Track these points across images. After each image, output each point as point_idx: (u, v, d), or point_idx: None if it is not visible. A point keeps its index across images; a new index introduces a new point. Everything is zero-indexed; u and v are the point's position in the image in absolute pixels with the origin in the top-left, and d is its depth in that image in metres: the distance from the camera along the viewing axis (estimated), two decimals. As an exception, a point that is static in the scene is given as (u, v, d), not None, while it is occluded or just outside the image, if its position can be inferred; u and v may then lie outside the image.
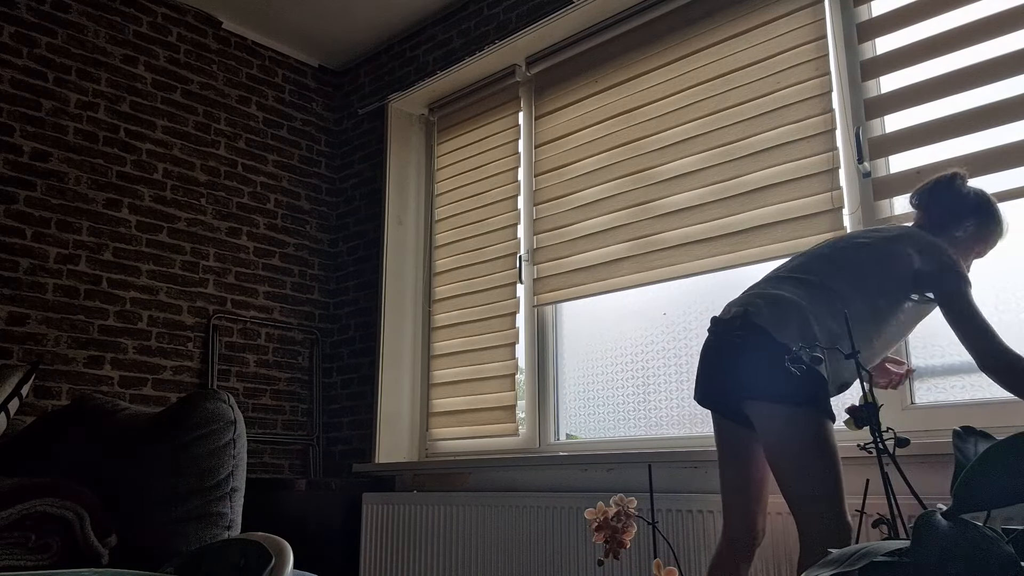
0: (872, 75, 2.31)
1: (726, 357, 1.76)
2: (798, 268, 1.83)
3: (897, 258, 1.77)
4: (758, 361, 1.68)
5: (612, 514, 2.20)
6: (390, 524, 3.02)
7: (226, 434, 1.35)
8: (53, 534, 1.19)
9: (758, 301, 1.74)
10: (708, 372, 1.84)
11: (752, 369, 1.70)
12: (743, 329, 1.71)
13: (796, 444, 1.64)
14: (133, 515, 1.29)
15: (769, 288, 1.79)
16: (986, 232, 1.87)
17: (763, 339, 1.68)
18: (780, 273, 1.85)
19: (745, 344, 1.71)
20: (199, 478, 1.31)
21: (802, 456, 1.63)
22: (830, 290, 1.75)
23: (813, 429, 1.64)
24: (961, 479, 0.97)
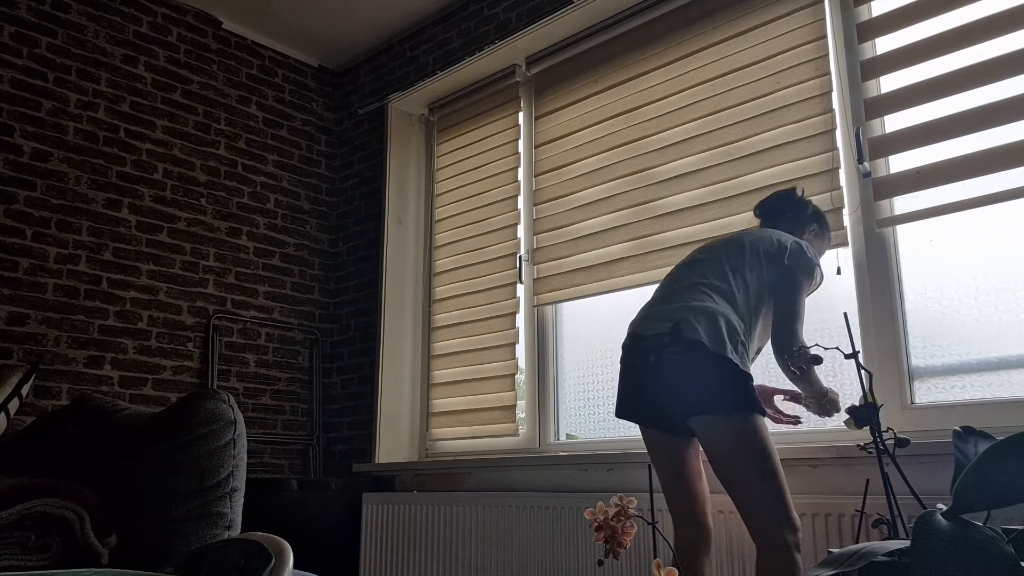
0: (872, 75, 2.31)
1: (666, 375, 1.80)
2: (705, 274, 1.91)
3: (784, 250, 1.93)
4: (701, 376, 1.75)
5: (612, 514, 2.20)
6: (390, 524, 3.02)
7: (226, 434, 1.35)
8: (53, 534, 1.19)
9: (687, 316, 1.79)
10: (640, 388, 1.88)
11: (697, 385, 1.75)
12: (678, 344, 1.77)
13: (749, 450, 1.72)
14: (133, 515, 1.29)
15: (692, 300, 1.84)
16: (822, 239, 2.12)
17: (702, 354, 1.74)
18: (691, 281, 1.91)
19: (685, 359, 1.76)
20: (199, 478, 1.31)
21: (757, 461, 1.71)
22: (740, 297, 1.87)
23: (760, 432, 1.73)
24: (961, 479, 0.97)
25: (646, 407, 1.90)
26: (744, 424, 1.73)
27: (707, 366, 1.74)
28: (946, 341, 2.09)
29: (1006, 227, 2.04)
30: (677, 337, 1.78)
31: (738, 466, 1.73)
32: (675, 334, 1.78)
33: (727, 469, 1.75)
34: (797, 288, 1.90)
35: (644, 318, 1.90)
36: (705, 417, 1.76)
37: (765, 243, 1.96)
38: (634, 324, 1.93)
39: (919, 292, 2.16)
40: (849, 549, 0.99)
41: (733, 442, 1.73)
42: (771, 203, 2.14)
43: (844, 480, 2.07)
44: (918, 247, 2.19)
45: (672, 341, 1.79)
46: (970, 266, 2.08)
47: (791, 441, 2.28)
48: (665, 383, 1.81)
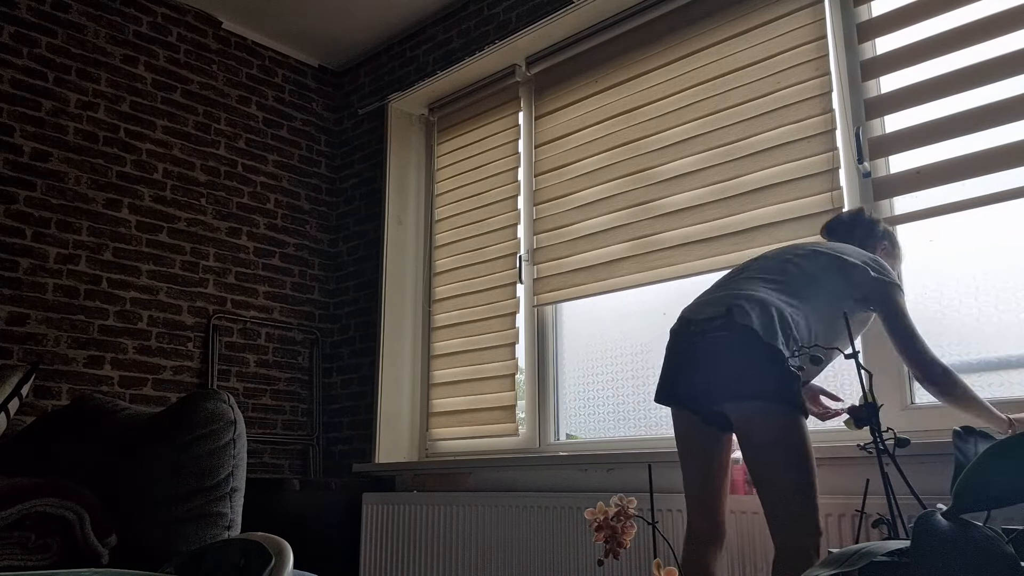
0: (872, 75, 2.31)
1: (710, 357, 1.75)
2: (765, 270, 1.86)
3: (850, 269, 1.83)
4: (749, 362, 1.69)
5: (612, 514, 2.20)
6: (390, 524, 3.02)
7: (226, 434, 1.35)
8: (53, 534, 1.19)
9: (741, 303, 1.74)
10: (683, 371, 1.82)
11: (743, 370, 1.69)
12: (727, 330, 1.72)
13: (786, 444, 1.66)
14: (133, 515, 1.29)
15: (747, 289, 1.79)
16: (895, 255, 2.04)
17: (752, 340, 1.68)
18: (748, 275, 1.86)
19: (733, 345, 1.70)
20: (199, 478, 1.31)
21: (791, 455, 1.65)
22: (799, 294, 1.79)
23: (802, 430, 1.67)
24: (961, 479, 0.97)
25: (684, 389, 1.83)
26: (790, 421, 1.67)
27: (755, 352, 1.68)
28: (946, 341, 2.09)
29: (1006, 227, 2.04)
30: (729, 322, 1.72)
31: (776, 465, 1.66)
32: (728, 318, 1.73)
33: (763, 464, 1.68)
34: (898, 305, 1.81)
35: (697, 305, 1.86)
36: (747, 404, 1.69)
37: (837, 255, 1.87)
38: (686, 310, 1.88)
39: (919, 292, 2.16)
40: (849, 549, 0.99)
41: (776, 438, 1.66)
42: (842, 223, 2.06)
43: (844, 480, 2.07)
44: (918, 247, 2.19)
45: (723, 325, 1.73)
46: (970, 266, 2.08)
47: (791, 441, 2.28)
48: (709, 364, 1.75)
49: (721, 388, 1.73)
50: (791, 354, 1.94)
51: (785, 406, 1.67)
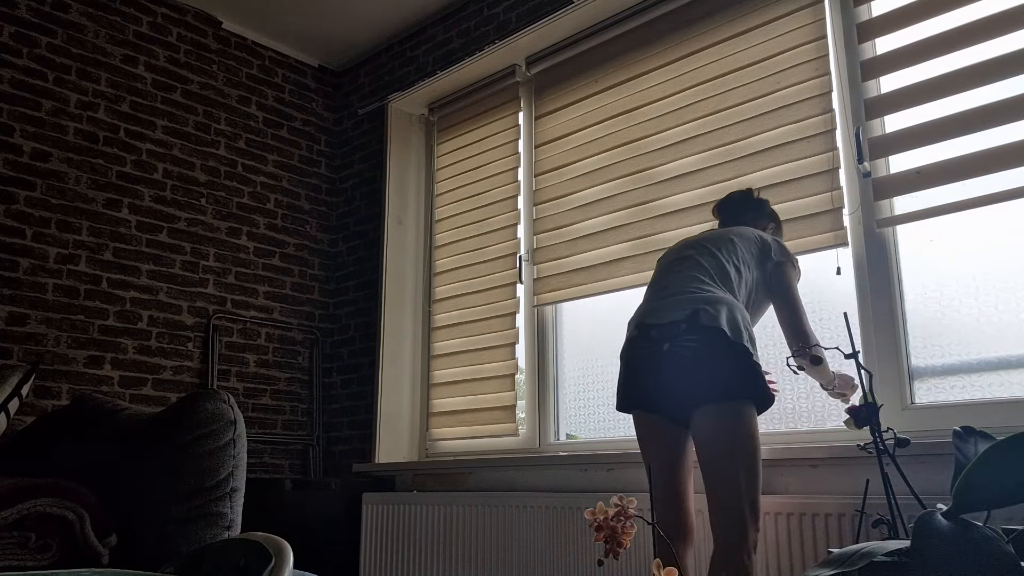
0: (872, 75, 2.31)
1: (683, 362, 1.79)
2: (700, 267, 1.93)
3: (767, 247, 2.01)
4: (721, 363, 1.75)
5: (612, 514, 2.20)
6: (390, 524, 3.02)
7: (226, 434, 1.35)
8: (53, 534, 1.19)
9: (705, 306, 1.80)
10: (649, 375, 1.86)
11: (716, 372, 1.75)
12: (696, 332, 1.77)
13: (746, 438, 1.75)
14: (133, 515, 1.29)
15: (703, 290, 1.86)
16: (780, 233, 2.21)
17: (722, 340, 1.75)
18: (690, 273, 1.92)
19: (703, 347, 1.76)
20: (199, 478, 1.31)
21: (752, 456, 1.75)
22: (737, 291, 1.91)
23: (756, 428, 1.78)
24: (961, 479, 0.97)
25: (653, 395, 1.87)
26: (752, 416, 1.76)
27: (727, 354, 1.75)
28: (946, 341, 2.09)
29: (1006, 227, 2.04)
30: (695, 325, 1.77)
31: (734, 456, 1.74)
32: (692, 322, 1.78)
33: (721, 456, 1.75)
34: (791, 283, 1.98)
35: (652, 310, 1.90)
36: (713, 405, 1.76)
37: (748, 240, 2.01)
38: (640, 316, 1.92)
39: (919, 292, 2.16)
40: (849, 549, 0.99)
41: (738, 431, 1.74)
42: (733, 202, 2.21)
43: (844, 480, 2.07)
44: (918, 247, 2.19)
45: (689, 329, 1.78)
46: (970, 266, 2.08)
47: (791, 441, 2.28)
48: (680, 370, 1.79)
49: (696, 391, 1.78)
50: (791, 354, 1.95)
51: (751, 401, 1.77)
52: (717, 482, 1.76)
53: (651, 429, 1.93)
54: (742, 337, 1.77)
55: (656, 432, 1.92)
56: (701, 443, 1.79)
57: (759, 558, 2.05)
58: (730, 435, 1.75)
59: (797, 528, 1.99)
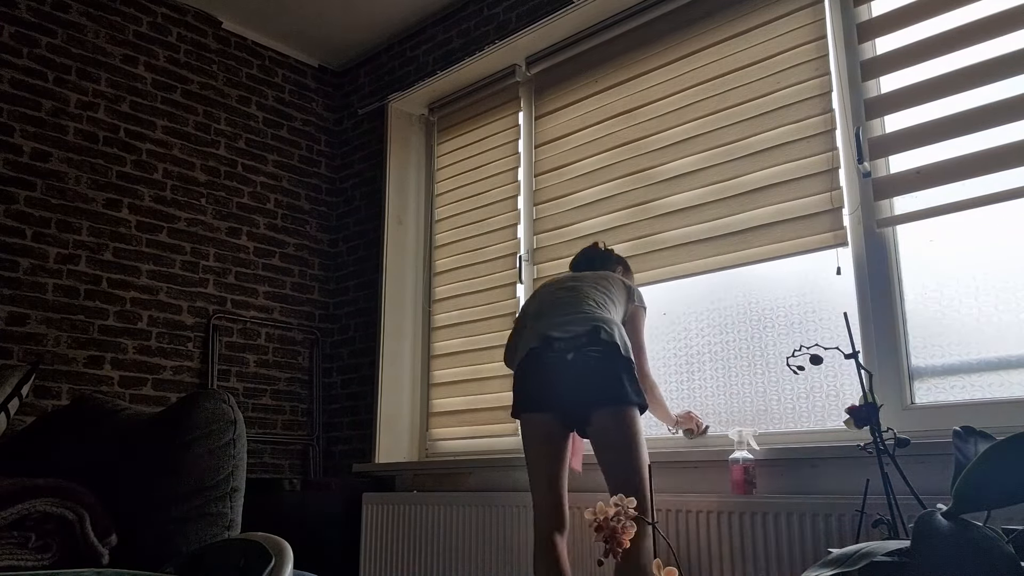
0: (872, 75, 2.31)
1: (585, 369, 2.07)
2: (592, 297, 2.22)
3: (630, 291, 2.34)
4: (616, 372, 2.05)
5: (612, 514, 2.20)
6: (390, 524, 3.02)
7: (226, 434, 1.35)
8: (53, 534, 1.19)
9: (601, 324, 2.10)
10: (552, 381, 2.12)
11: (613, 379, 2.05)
12: (597, 345, 2.07)
13: (638, 437, 2.05)
14: (133, 515, 1.29)
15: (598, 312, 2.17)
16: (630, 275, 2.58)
17: (617, 354, 2.07)
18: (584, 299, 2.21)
19: (602, 358, 2.06)
20: (199, 478, 1.31)
21: (641, 446, 2.05)
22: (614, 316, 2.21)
23: (642, 424, 2.08)
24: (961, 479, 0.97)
25: (557, 397, 2.12)
26: (637, 418, 2.06)
27: (621, 365, 2.06)
28: (946, 341, 2.09)
29: (1006, 227, 2.04)
30: (595, 338, 2.08)
31: (627, 451, 2.02)
32: (593, 335, 2.08)
33: (618, 451, 2.03)
34: (642, 327, 2.34)
35: (555, 325, 2.16)
36: (613, 407, 2.04)
37: (616, 281, 2.34)
38: (543, 330, 2.17)
39: (919, 292, 2.16)
40: (849, 549, 0.99)
41: (632, 435, 2.04)
42: (588, 256, 2.54)
43: (844, 480, 2.07)
44: (918, 247, 2.19)
45: (590, 342, 2.08)
46: (970, 266, 2.08)
47: (791, 441, 2.28)
48: (583, 375, 2.07)
49: (595, 395, 2.06)
50: (792, 354, 1.95)
51: (637, 407, 2.07)
52: (618, 473, 2.03)
53: (543, 430, 2.17)
54: (630, 353, 2.11)
55: (550, 435, 2.16)
56: (600, 441, 2.07)
57: (759, 558, 2.05)
58: (627, 433, 2.03)
59: (797, 528, 1.99)
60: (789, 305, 2.40)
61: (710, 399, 2.51)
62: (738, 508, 2.10)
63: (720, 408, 2.49)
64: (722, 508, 2.13)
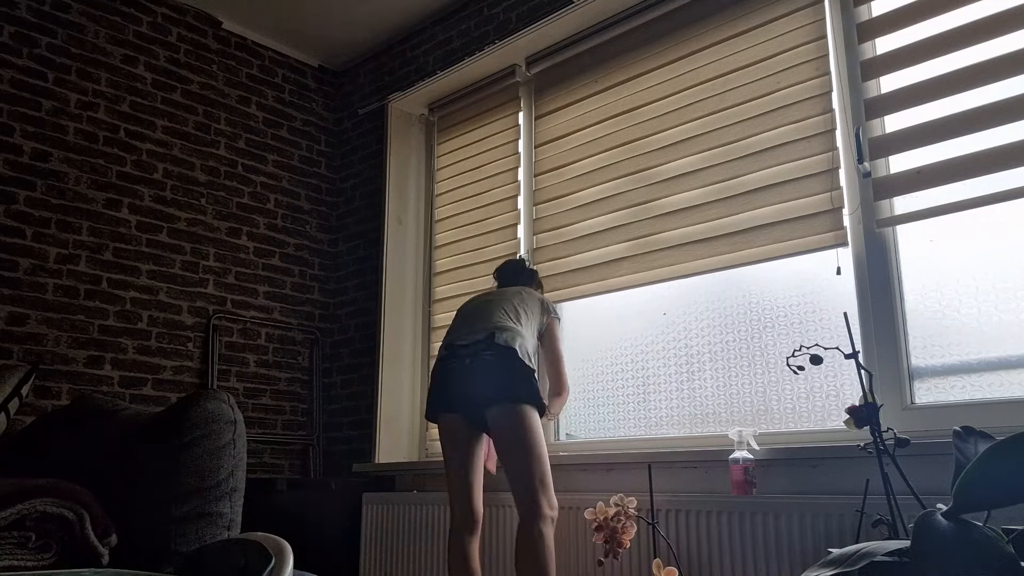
0: (872, 75, 2.31)
1: (482, 370, 2.25)
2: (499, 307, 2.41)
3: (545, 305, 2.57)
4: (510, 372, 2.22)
5: (612, 514, 2.20)
6: (390, 524, 3.02)
7: (226, 434, 1.35)
8: (53, 534, 1.19)
9: (499, 331, 2.29)
10: (454, 383, 2.31)
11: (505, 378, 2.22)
12: (492, 349, 2.25)
13: (532, 435, 2.21)
14: (133, 515, 1.29)
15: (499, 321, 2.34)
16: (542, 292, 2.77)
17: (512, 355, 2.25)
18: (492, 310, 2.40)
19: (496, 360, 2.23)
20: (199, 478, 1.31)
21: (534, 441, 2.21)
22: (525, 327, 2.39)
23: (539, 424, 2.25)
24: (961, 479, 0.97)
25: (458, 398, 2.31)
26: (532, 414, 2.23)
27: (515, 365, 2.24)
28: (946, 341, 2.09)
29: (1006, 227, 2.04)
30: (490, 343, 2.26)
31: (518, 444, 2.19)
32: (489, 341, 2.27)
33: (509, 444, 2.20)
34: (558, 335, 2.55)
35: (459, 335, 2.36)
36: (506, 404, 2.21)
37: (532, 296, 2.53)
38: (449, 340, 2.39)
39: (919, 292, 2.16)
40: (849, 549, 0.99)
41: (521, 428, 2.20)
42: (511, 269, 2.74)
43: (844, 480, 2.07)
44: (918, 247, 2.19)
45: (487, 347, 2.26)
46: (970, 266, 2.08)
47: (791, 441, 2.28)
48: (478, 376, 2.25)
49: (489, 392, 2.23)
50: (792, 354, 1.95)
51: (530, 404, 2.23)
52: (512, 469, 2.20)
53: (455, 432, 2.36)
54: (528, 357, 2.28)
55: (459, 435, 2.35)
56: (497, 437, 2.25)
57: (759, 558, 2.05)
58: (518, 432, 2.20)
59: (797, 528, 1.99)
60: (789, 305, 2.40)
61: (710, 399, 2.52)
62: (738, 508, 2.10)
63: (720, 408, 2.49)
64: (722, 508, 2.13)
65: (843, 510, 1.93)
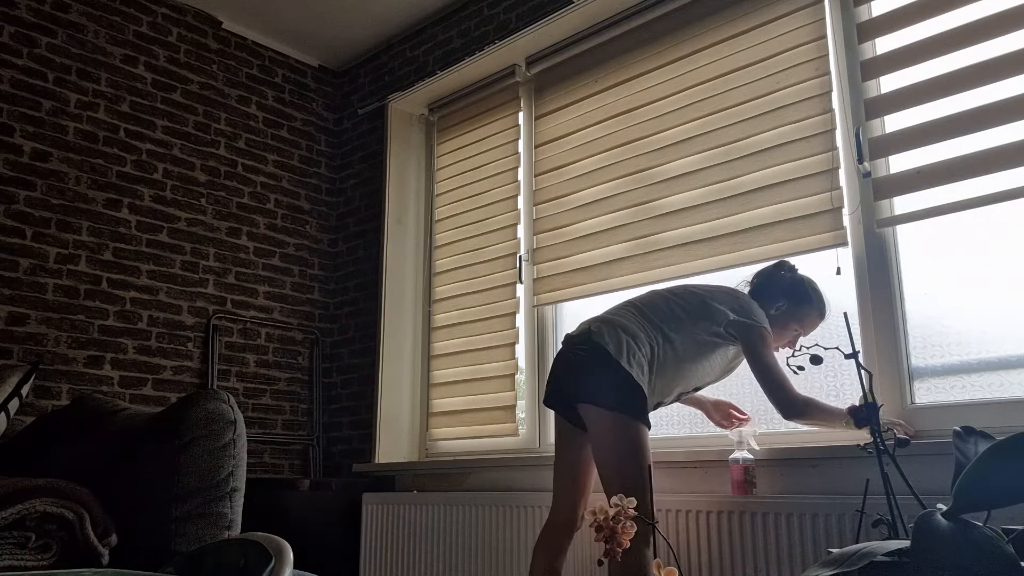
0: (872, 75, 2.31)
1: (571, 367, 2.10)
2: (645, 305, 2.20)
3: (714, 312, 2.14)
4: (597, 372, 2.03)
5: (612, 514, 2.20)
6: (390, 524, 3.02)
7: (226, 434, 1.35)
8: (53, 534, 1.19)
9: (599, 325, 2.11)
10: (557, 378, 2.16)
11: (591, 379, 2.04)
12: (586, 344, 2.08)
13: (618, 445, 1.98)
14: (133, 515, 1.29)
15: (613, 316, 2.16)
16: (800, 313, 2.23)
17: (603, 354, 2.04)
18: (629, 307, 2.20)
19: (587, 356, 2.06)
20: (199, 478, 1.31)
21: (622, 455, 1.97)
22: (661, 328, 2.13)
23: (633, 434, 1.98)
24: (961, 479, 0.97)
25: (553, 393, 2.17)
26: (617, 422, 1.98)
27: (604, 366, 2.02)
28: (946, 341, 2.09)
29: (1006, 227, 2.04)
30: (587, 338, 2.10)
31: (601, 450, 2.00)
32: (585, 335, 2.11)
33: (596, 451, 2.02)
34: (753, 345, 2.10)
35: (580, 324, 2.21)
36: (593, 407, 2.02)
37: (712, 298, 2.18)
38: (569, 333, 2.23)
39: (919, 292, 2.16)
40: (849, 549, 0.99)
41: (607, 432, 1.99)
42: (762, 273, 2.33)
43: (844, 480, 2.07)
44: (918, 247, 2.19)
45: (581, 341, 2.11)
46: (970, 266, 2.08)
47: (791, 441, 2.28)
48: (569, 372, 2.11)
49: (576, 391, 2.07)
50: (792, 354, 1.95)
51: (621, 412, 1.99)
52: (603, 477, 2.01)
53: (561, 431, 2.21)
54: (622, 357, 2.02)
55: (563, 434, 2.20)
56: (592, 443, 2.05)
57: (759, 558, 2.05)
58: (601, 438, 2.00)
59: (797, 528, 1.99)
60: (789, 305, 2.40)
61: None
62: (738, 508, 2.10)
63: (720, 408, 2.48)
64: (722, 508, 2.13)
65: (843, 510, 1.93)
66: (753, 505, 2.07)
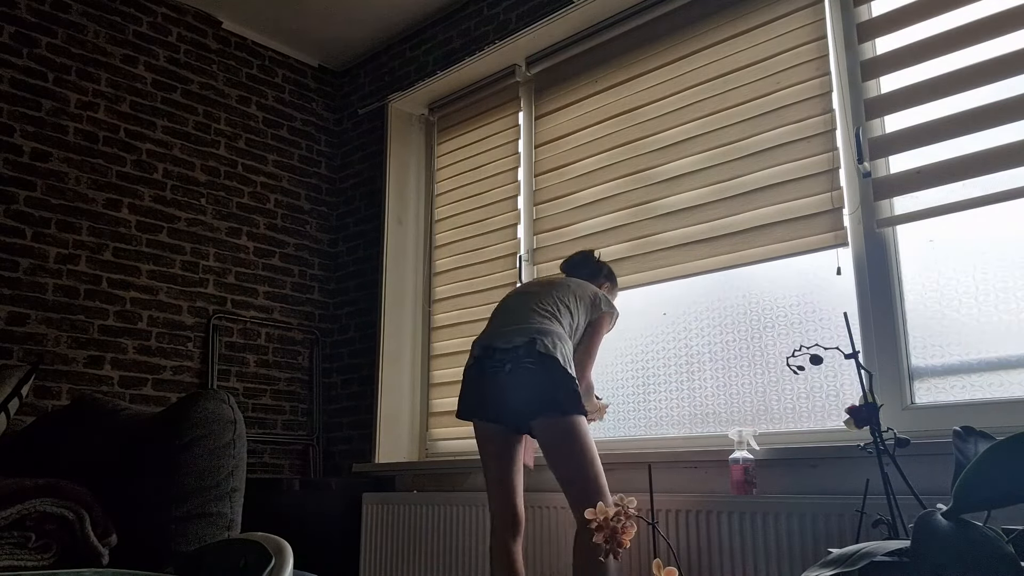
0: (872, 75, 2.31)
1: (524, 381, 2.15)
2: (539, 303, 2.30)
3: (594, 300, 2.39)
4: (553, 383, 2.12)
5: (612, 514, 2.20)
6: (390, 524, 3.02)
7: (226, 434, 1.35)
8: (53, 534, 1.19)
9: (538, 335, 2.18)
10: (492, 390, 2.22)
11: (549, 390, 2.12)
12: (532, 356, 2.15)
13: (582, 443, 2.12)
14: (133, 515, 1.29)
15: (538, 323, 2.24)
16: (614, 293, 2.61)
17: (554, 365, 2.13)
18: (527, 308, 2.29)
19: (538, 370, 2.13)
20: (199, 478, 1.31)
21: (587, 451, 2.12)
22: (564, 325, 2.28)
23: (587, 428, 2.15)
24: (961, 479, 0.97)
25: (500, 408, 2.22)
26: (579, 423, 2.13)
27: (558, 376, 2.13)
28: (946, 341, 2.09)
29: (1006, 227, 2.04)
30: (531, 351, 2.15)
31: (571, 455, 2.10)
32: (529, 348, 2.16)
33: (561, 455, 2.11)
34: (602, 334, 2.42)
35: (496, 335, 2.26)
36: (552, 416, 2.12)
37: (583, 288, 2.40)
38: (486, 339, 2.28)
39: (919, 292, 2.16)
40: (849, 549, 1.00)
41: (571, 435, 2.11)
42: (574, 261, 2.62)
43: (844, 480, 2.07)
44: (918, 247, 2.19)
45: (527, 354, 2.16)
46: (970, 266, 2.08)
47: (791, 441, 2.28)
48: (521, 387, 2.15)
49: (534, 405, 2.14)
50: (792, 354, 1.95)
51: (576, 414, 2.12)
52: (567, 478, 2.11)
53: (490, 438, 2.28)
54: (569, 365, 2.17)
55: (494, 441, 2.27)
56: (547, 449, 2.15)
57: (759, 558, 2.05)
58: (571, 444, 2.10)
59: (797, 528, 1.99)
60: (789, 305, 2.40)
61: (710, 399, 2.52)
62: (738, 508, 2.10)
63: (720, 408, 2.49)
64: (722, 508, 2.13)
65: (843, 510, 1.93)
66: (753, 505, 2.07)
